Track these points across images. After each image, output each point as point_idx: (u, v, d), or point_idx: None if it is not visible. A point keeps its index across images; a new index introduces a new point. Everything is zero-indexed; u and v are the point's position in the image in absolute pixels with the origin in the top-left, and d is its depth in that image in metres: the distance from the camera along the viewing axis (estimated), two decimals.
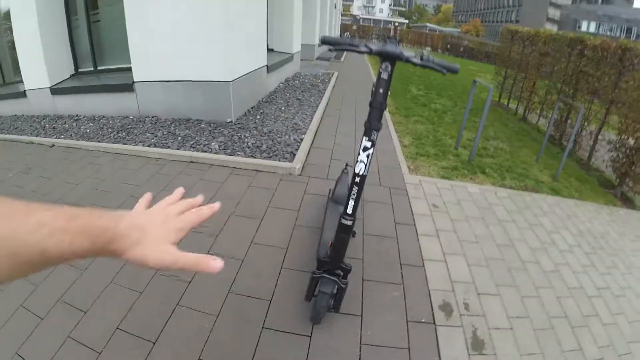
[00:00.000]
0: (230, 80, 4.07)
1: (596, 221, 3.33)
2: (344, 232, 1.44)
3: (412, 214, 2.68)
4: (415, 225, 2.54)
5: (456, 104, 7.11)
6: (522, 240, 2.63)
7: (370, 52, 1.26)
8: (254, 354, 1.48)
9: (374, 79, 6.88)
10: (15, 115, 5.57)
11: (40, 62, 4.66)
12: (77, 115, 4.43)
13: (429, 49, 26.66)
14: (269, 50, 7.47)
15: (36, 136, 4.06)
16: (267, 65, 5.56)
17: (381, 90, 1.32)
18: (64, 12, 4.59)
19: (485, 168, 3.83)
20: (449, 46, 24.86)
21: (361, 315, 1.71)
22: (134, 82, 4.13)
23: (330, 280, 1.50)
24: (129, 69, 4.27)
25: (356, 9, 70.56)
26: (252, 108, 4.88)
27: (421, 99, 7.04)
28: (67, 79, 4.74)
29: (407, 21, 52.59)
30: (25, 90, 5.22)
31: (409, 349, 1.59)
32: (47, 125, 4.25)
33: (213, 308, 1.68)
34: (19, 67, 5.09)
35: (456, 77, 11.04)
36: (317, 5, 10.58)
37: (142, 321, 1.60)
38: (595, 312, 2.10)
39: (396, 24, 34.61)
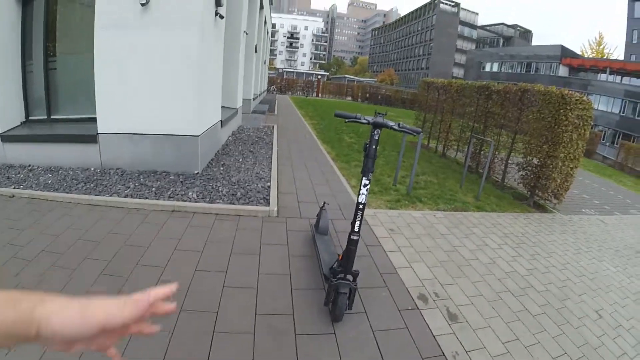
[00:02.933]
0: (198, 134, 4.43)
1: (516, 225, 4.40)
2: (353, 245, 2.00)
3: (377, 238, 3.33)
4: (381, 245, 3.18)
5: (384, 148, 8.32)
6: (462, 246, 3.43)
7: (369, 123, 1.94)
8: (297, 356, 1.84)
9: (309, 129, 7.94)
10: None
11: None
12: (29, 165, 4.21)
13: (349, 98, 29.75)
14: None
15: None
16: (221, 120, 6.01)
17: (374, 146, 1.97)
18: (20, 56, 4.50)
19: (421, 197, 4.73)
20: (367, 95, 28.08)
21: (365, 312, 2.20)
22: (98, 133, 4.19)
23: (346, 284, 1.99)
24: (90, 120, 4.30)
25: (279, 63, 75.65)
26: (212, 160, 5.21)
27: (354, 146, 8.09)
28: (17, 126, 4.53)
29: (327, 73, 57.85)
30: None
31: (406, 327, 2.13)
32: None
33: (247, 328, 1.99)
34: None
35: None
36: (253, 63, 11.52)
37: (186, 350, 1.83)
38: (530, 285, 2.95)
39: (318, 76, 38.08)
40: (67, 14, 4.83)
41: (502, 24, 58.17)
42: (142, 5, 3.76)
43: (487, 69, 44.70)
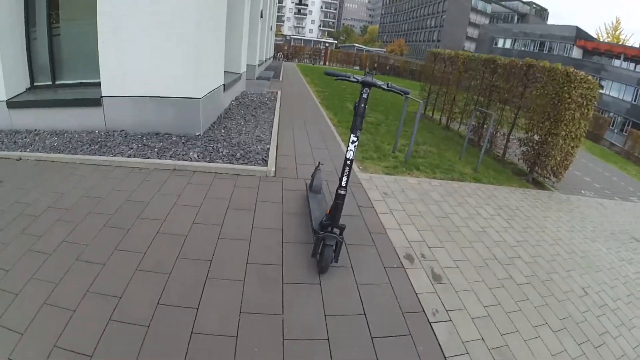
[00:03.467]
0: (200, 97, 4.44)
1: (511, 199, 4.45)
2: (340, 200, 2.08)
3: (370, 200, 3.41)
4: (374, 207, 3.27)
5: (387, 117, 8.24)
6: (454, 213, 3.51)
7: (358, 82, 1.96)
8: (283, 302, 1.97)
9: (312, 95, 7.79)
10: None
11: None
12: (37, 130, 4.31)
13: (357, 67, 29.03)
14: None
15: None
16: (224, 84, 5.98)
17: (362, 105, 2.00)
18: (23, 22, 4.49)
19: (419, 166, 4.76)
20: (376, 65, 27.37)
21: (351, 267, 2.32)
22: (102, 96, 4.25)
23: (332, 237, 2.09)
24: (94, 84, 4.34)
25: (287, 29, 73.17)
26: (214, 123, 5.24)
27: None
28: (22, 92, 4.60)
29: (335, 41, 56.02)
30: None
31: (390, 283, 2.25)
32: (5, 140, 4.07)
33: (238, 276, 2.12)
34: None
35: (385, 94, 12.49)
36: (258, 28, 11.23)
37: (181, 293, 1.98)
38: (518, 255, 3.04)
39: (326, 44, 36.94)
40: None
41: (519, 0, 55.34)
42: None
43: (500, 44, 43.32)
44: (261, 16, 11.17)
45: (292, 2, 78.87)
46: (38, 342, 1.56)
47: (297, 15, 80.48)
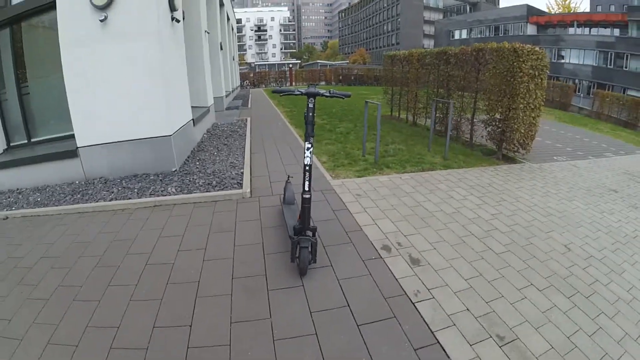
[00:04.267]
0: (170, 134, 4.58)
1: (483, 177, 4.73)
2: (306, 203, 2.27)
3: (344, 203, 3.60)
4: (347, 208, 3.46)
5: (356, 125, 8.53)
6: (426, 201, 3.74)
7: (302, 94, 2.19)
8: (270, 308, 2.10)
9: (281, 115, 8.05)
10: None
11: None
12: (18, 189, 4.36)
13: (323, 83, 29.81)
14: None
15: None
16: (193, 119, 6.14)
17: (310, 114, 2.23)
18: None
19: (389, 164, 5.01)
20: (340, 77, 28.20)
21: (331, 265, 2.48)
22: (77, 147, 4.35)
23: (306, 239, 2.26)
24: (69, 137, 4.45)
25: (250, 57, 74.61)
26: (189, 157, 5.36)
27: (326, 127, 8.27)
28: (0, 154, 4.68)
29: (299, 61, 57.40)
30: None
31: (370, 274, 2.42)
32: None
33: (225, 291, 2.25)
34: None
35: (352, 103, 12.93)
36: (220, 61, 11.56)
37: (174, 314, 2.09)
38: (494, 227, 3.24)
39: (290, 65, 37.84)
40: (32, 40, 4.89)
41: None
42: (101, 21, 3.90)
43: (457, 36, 44.88)
44: (221, 48, 11.52)
45: (252, 30, 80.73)
46: None
47: (258, 42, 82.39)
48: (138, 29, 4.19)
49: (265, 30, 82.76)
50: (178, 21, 5.11)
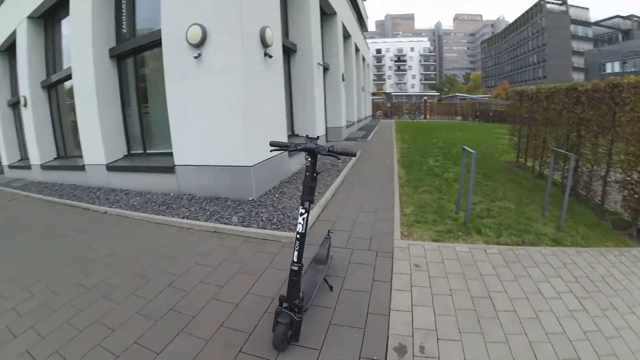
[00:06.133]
0: (251, 165, 4.92)
1: (598, 265, 3.27)
2: (293, 275, 1.96)
3: (392, 273, 2.97)
4: (391, 282, 2.82)
5: (469, 170, 7.36)
6: (501, 292, 2.76)
7: (297, 149, 1.92)
8: None
9: (395, 153, 7.56)
10: (74, 184, 7.00)
11: (98, 142, 6.15)
12: (127, 190, 5.55)
13: (459, 118, 27.58)
14: (295, 135, 8.55)
15: (92, 204, 5.16)
16: (330, 145, 6.45)
17: (307, 173, 1.92)
18: (120, 103, 6.05)
19: (481, 228, 4.01)
20: (478, 113, 25.53)
21: (320, 350, 2.03)
22: (174, 165, 5.17)
23: (287, 314, 1.94)
24: (171, 154, 5.36)
25: (389, 87, 76.30)
26: (273, 188, 5.58)
27: (435, 170, 7.38)
28: (120, 158, 6.05)
29: (437, 93, 55.23)
30: (84, 165, 6.61)
31: None
32: (101, 196, 5.40)
33: (207, 335, 2.14)
34: (78, 143, 6.49)
35: (481, 142, 11.40)
36: (342, 92, 12.03)
37: (156, 339, 2.09)
38: (577, 356, 2.09)
39: (425, 98, 36.67)
40: (151, 69, 6.24)
41: (617, 16, 47.65)
42: (195, 58, 4.59)
43: (609, 69, 37.11)
44: (343, 79, 11.97)
45: (391, 60, 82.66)
46: None
47: (397, 72, 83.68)
48: (224, 65, 4.79)
49: (405, 61, 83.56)
50: (270, 57, 5.50)
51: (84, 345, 2.16)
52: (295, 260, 1.98)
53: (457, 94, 49.56)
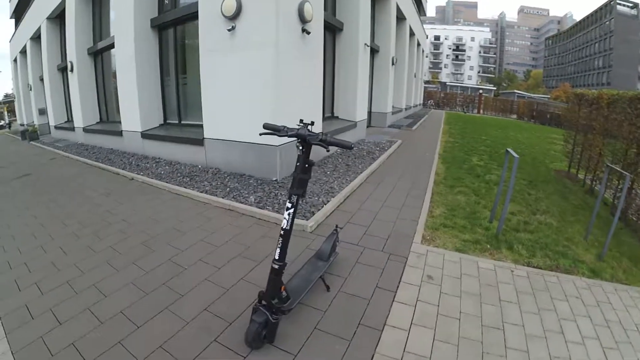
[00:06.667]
0: (277, 144, 4.80)
1: (635, 310, 2.76)
2: (272, 274, 1.84)
3: (399, 281, 2.72)
4: (396, 291, 2.59)
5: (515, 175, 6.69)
6: (518, 325, 2.43)
7: (287, 135, 1.74)
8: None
9: (438, 146, 7.08)
10: (112, 149, 7.43)
11: (135, 109, 6.37)
12: (159, 158, 5.74)
13: (514, 116, 25.39)
14: (334, 117, 8.28)
15: (122, 169, 5.42)
16: (321, 132, 6.24)
17: (297, 163, 1.72)
18: (159, 73, 6.16)
19: (514, 244, 3.58)
20: (534, 113, 23.30)
21: (295, 355, 1.90)
22: (203, 138, 5.21)
23: (262, 312, 1.82)
24: (202, 126, 5.41)
25: (444, 76, 71.93)
26: None
27: (478, 169, 6.76)
28: (156, 127, 6.24)
29: (494, 88, 51.32)
30: (121, 131, 6.92)
31: None
32: (133, 162, 5.66)
33: (188, 316, 2.13)
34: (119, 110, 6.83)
35: (527, 147, 10.36)
36: (390, 76, 11.41)
37: (140, 313, 2.10)
38: None
39: (480, 91, 34.10)
40: (191, 40, 6.24)
41: None
42: (229, 31, 4.47)
43: None
44: (392, 63, 11.34)
45: (449, 48, 77.39)
46: None
47: (454, 62, 78.22)
48: (258, 39, 4.61)
49: (464, 51, 77.56)
50: (308, 33, 5.21)
51: (75, 307, 2.26)
52: (276, 258, 1.83)
53: (515, 90, 45.73)
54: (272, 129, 1.96)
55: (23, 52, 15.05)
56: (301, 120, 1.90)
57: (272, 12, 4.43)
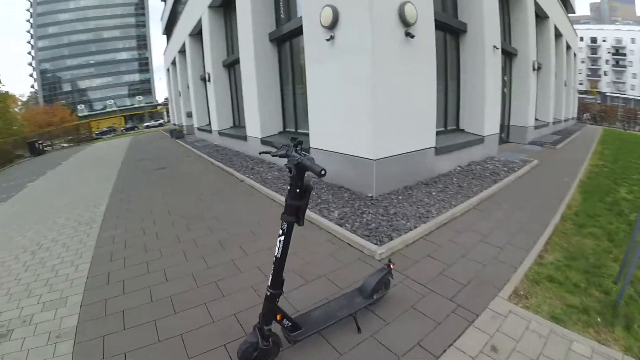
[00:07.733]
0: (375, 158, 4.48)
1: None
2: (266, 301, 1.71)
3: (449, 345, 2.03)
4: (438, 358, 1.94)
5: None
6: None
7: (277, 155, 1.72)
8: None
9: (582, 171, 6.30)
10: (238, 151, 8.53)
11: (256, 117, 7.06)
12: (274, 164, 6.32)
13: None
14: (459, 130, 7.25)
15: (237, 171, 6.24)
16: (435, 147, 5.45)
17: (290, 187, 1.55)
18: (278, 83, 6.77)
19: (635, 322, 2.27)
20: None
21: None
22: (309, 147, 5.47)
23: (256, 335, 1.74)
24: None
25: (605, 86, 53.45)
26: (404, 187, 4.88)
27: (623, 204, 4.52)
28: (275, 134, 6.90)
29: None
30: (246, 136, 7.86)
31: None
32: (249, 166, 6.44)
33: (206, 321, 2.26)
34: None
35: None
36: (530, 84, 9.40)
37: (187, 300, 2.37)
38: None
39: None
40: (304, 51, 6.54)
41: None
42: (328, 40, 4.55)
43: None
44: (534, 69, 9.36)
45: (608, 52, 56.30)
46: None
47: (614, 68, 56.43)
48: (354, 46, 4.45)
49: (624, 55, 54.85)
50: (412, 37, 4.67)
51: (140, 284, 2.80)
52: (269, 285, 1.72)
53: None
54: (273, 146, 1.89)
55: (173, 63, 18.75)
56: (292, 139, 1.73)
57: (366, 18, 4.23)
